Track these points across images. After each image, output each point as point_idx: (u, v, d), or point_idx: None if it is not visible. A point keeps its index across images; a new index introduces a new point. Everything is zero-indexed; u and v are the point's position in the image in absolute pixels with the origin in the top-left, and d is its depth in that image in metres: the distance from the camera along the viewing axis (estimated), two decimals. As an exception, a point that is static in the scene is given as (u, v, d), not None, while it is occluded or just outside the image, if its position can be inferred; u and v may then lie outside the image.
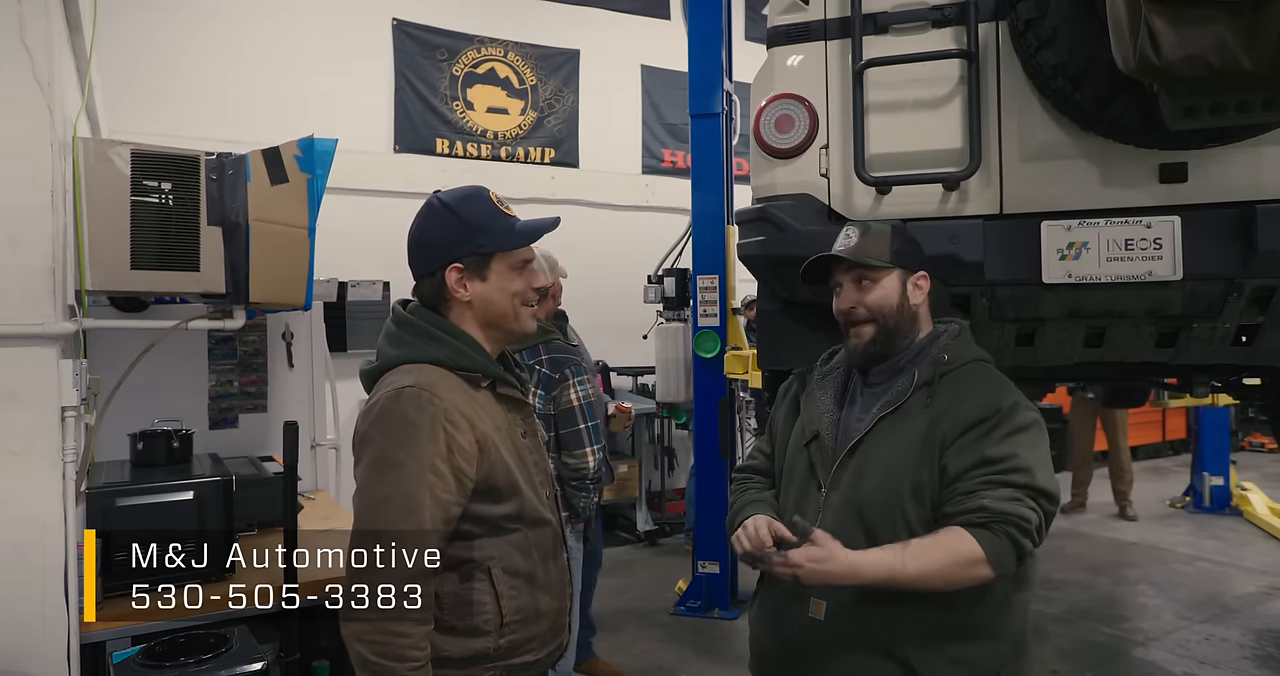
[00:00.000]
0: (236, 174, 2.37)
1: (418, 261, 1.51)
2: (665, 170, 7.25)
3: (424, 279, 1.50)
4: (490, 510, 1.41)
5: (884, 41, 2.47)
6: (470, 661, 1.39)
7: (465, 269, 1.46)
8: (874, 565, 1.41)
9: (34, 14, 1.89)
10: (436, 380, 1.39)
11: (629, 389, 6.51)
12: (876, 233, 1.65)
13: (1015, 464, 1.46)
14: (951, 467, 1.49)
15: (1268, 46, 1.70)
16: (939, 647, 1.49)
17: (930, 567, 1.41)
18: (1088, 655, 3.95)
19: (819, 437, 1.64)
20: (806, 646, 1.58)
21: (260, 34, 5.59)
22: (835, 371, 1.73)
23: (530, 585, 1.45)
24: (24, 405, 1.87)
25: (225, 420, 3.55)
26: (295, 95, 5.63)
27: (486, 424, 1.41)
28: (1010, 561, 1.44)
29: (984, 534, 1.42)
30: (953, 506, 1.47)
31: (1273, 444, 9.24)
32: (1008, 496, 1.44)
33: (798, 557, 1.41)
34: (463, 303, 1.47)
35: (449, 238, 1.47)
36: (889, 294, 1.62)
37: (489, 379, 1.47)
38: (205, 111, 5.29)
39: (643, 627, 4.35)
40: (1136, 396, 5.33)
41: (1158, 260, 2.24)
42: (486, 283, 1.47)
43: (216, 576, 2.39)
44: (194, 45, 5.36)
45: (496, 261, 1.48)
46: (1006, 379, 1.61)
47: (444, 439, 1.33)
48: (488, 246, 1.46)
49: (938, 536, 1.44)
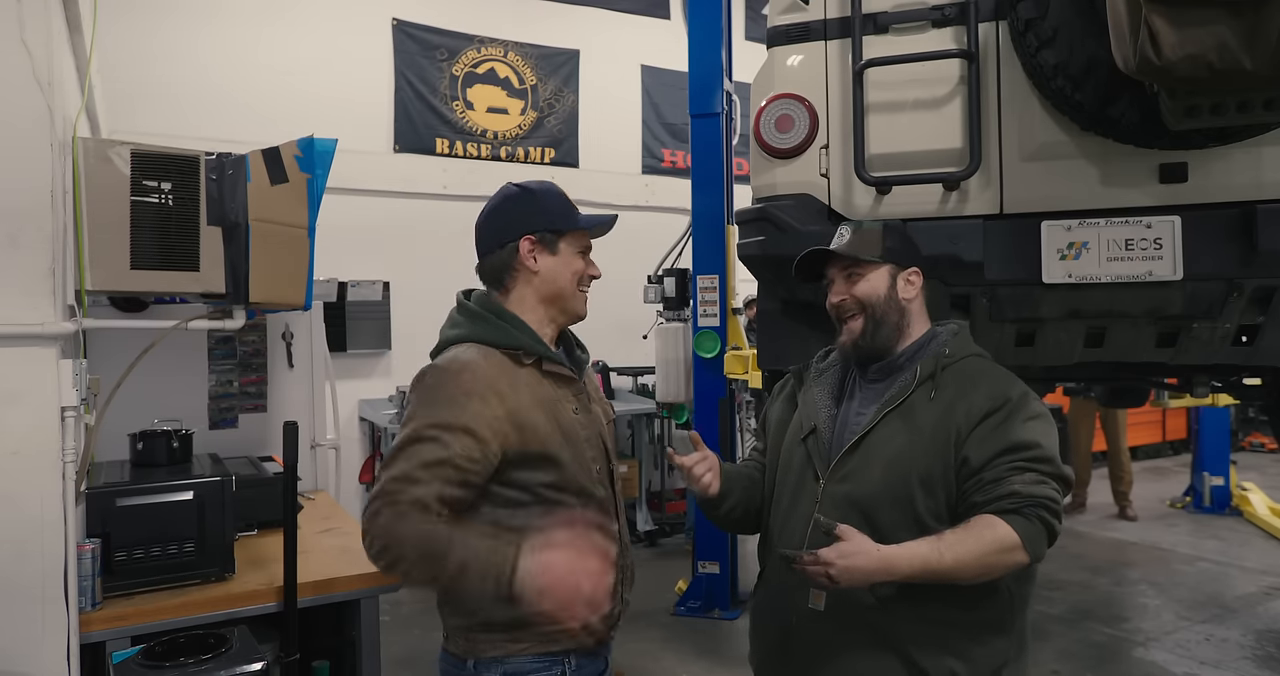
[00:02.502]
0: (236, 174, 2.37)
1: (491, 233, 1.58)
2: (665, 170, 7.25)
3: (494, 251, 1.57)
4: (528, 477, 1.46)
5: (884, 41, 2.47)
6: (514, 626, 1.43)
7: (538, 241, 1.55)
8: (909, 558, 1.39)
9: (34, 14, 1.88)
10: (477, 357, 1.48)
11: (629, 389, 6.50)
12: (868, 230, 1.68)
13: (1039, 452, 1.47)
14: (974, 458, 1.48)
15: (1268, 46, 1.70)
16: (943, 642, 1.49)
17: (967, 556, 1.39)
18: (1088, 655, 3.95)
19: (816, 432, 1.65)
20: (808, 638, 1.58)
21: (260, 34, 5.59)
22: (832, 368, 1.74)
23: None
24: (24, 405, 1.87)
25: (225, 420, 3.55)
26: (295, 95, 5.63)
27: (524, 398, 1.47)
28: (1043, 545, 1.44)
29: (1017, 519, 1.42)
30: (981, 495, 1.46)
31: (1273, 444, 9.24)
32: (1035, 479, 1.45)
33: (829, 555, 1.38)
34: (530, 272, 1.56)
35: (526, 212, 1.57)
36: (877, 286, 1.64)
37: (534, 356, 1.53)
38: (205, 111, 5.30)
39: (643, 627, 4.34)
40: (1136, 396, 5.33)
41: (1158, 260, 2.24)
42: (556, 257, 1.57)
43: (216, 576, 2.39)
44: (194, 45, 5.37)
45: (566, 240, 1.58)
46: (1009, 371, 1.62)
47: (472, 409, 1.40)
48: (561, 224, 1.57)
49: (970, 525, 1.43)
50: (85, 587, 2.12)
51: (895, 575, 1.39)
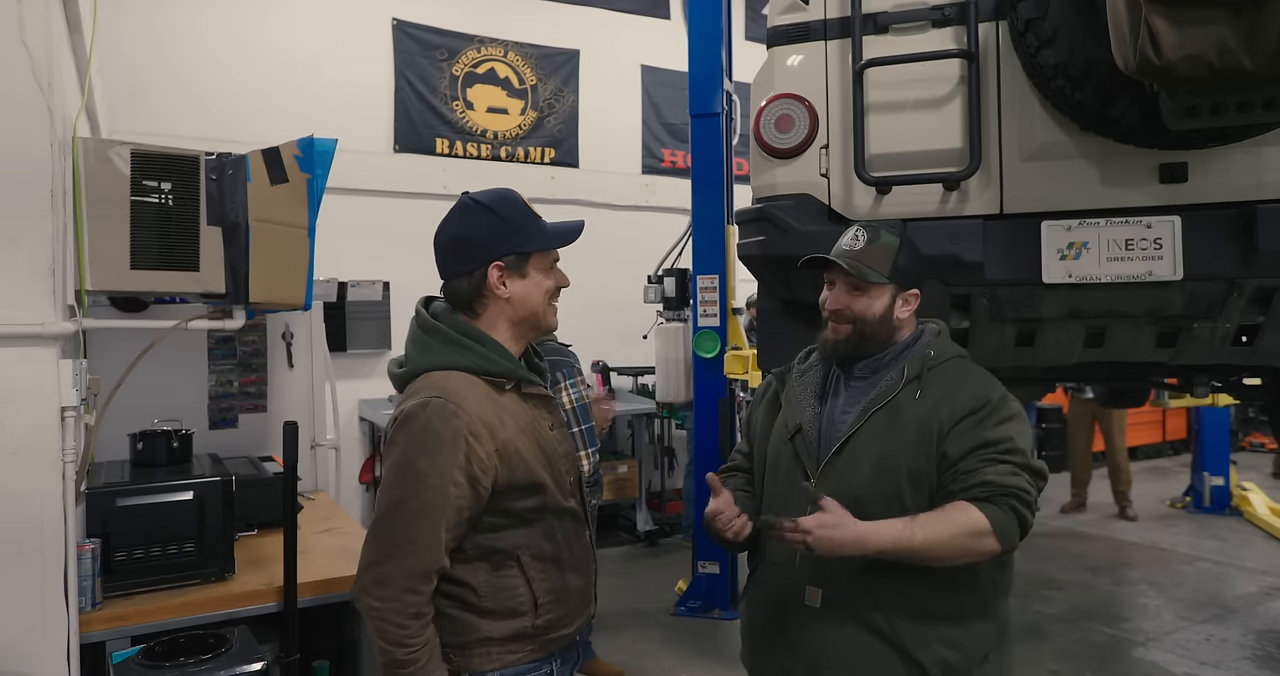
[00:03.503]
0: (236, 174, 2.37)
1: (456, 260, 1.53)
2: (665, 170, 7.25)
3: (460, 277, 1.52)
4: (515, 505, 1.49)
5: (884, 41, 2.47)
6: (512, 639, 1.48)
7: (506, 267, 1.51)
8: (881, 534, 1.45)
9: (34, 14, 1.88)
10: (463, 389, 1.44)
11: (629, 389, 6.50)
12: (884, 244, 1.66)
13: (1012, 445, 1.53)
14: (952, 452, 1.54)
15: (1268, 46, 1.70)
16: (933, 630, 1.54)
17: (938, 537, 1.45)
18: (1088, 655, 3.95)
19: (802, 431, 1.68)
20: (804, 633, 1.61)
21: (260, 34, 5.59)
22: (814, 368, 1.77)
23: (558, 566, 1.55)
24: (24, 405, 1.87)
25: (225, 420, 3.55)
26: (295, 95, 5.63)
27: (510, 429, 1.48)
28: (1014, 534, 1.49)
29: (989, 507, 1.47)
30: (956, 484, 1.52)
31: (1273, 444, 9.23)
32: (1008, 471, 1.50)
33: (808, 523, 1.44)
34: (501, 300, 1.52)
35: (491, 236, 1.51)
36: (877, 306, 1.65)
37: (514, 381, 1.52)
38: (205, 111, 5.29)
39: (643, 627, 4.35)
40: (1136, 396, 5.33)
41: (1158, 260, 2.24)
42: (525, 280, 1.53)
43: (216, 576, 2.40)
44: (194, 45, 5.36)
45: (534, 261, 1.54)
46: (989, 373, 1.67)
47: (464, 450, 1.40)
48: (527, 245, 1.52)
49: (944, 509, 1.49)
50: (85, 587, 2.12)
51: (867, 549, 1.45)
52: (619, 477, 5.81)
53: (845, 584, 1.56)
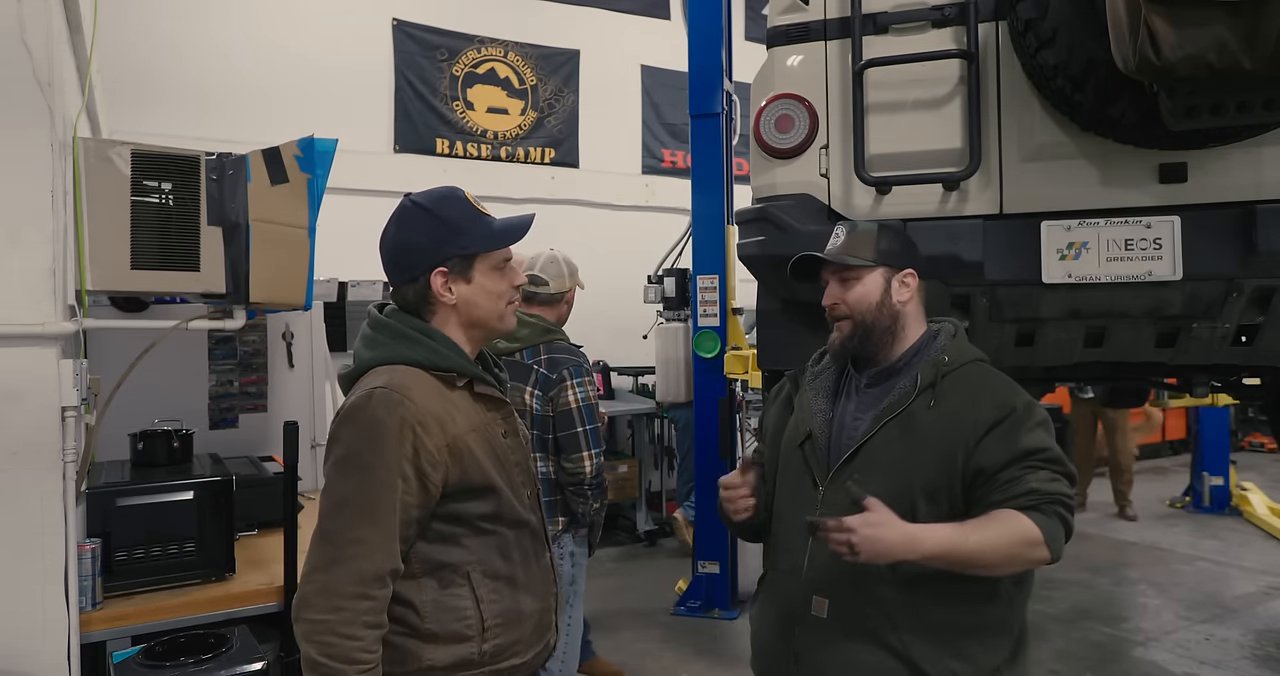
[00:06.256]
0: (236, 174, 2.37)
1: (399, 267, 1.47)
2: (665, 170, 7.25)
3: (406, 285, 1.46)
4: (466, 508, 1.40)
5: (884, 41, 2.47)
6: (456, 667, 1.37)
7: (450, 272, 1.44)
8: (934, 536, 1.39)
9: (34, 14, 1.89)
10: (410, 381, 1.37)
11: (629, 389, 6.51)
12: (863, 232, 1.67)
13: (1051, 453, 1.50)
14: (988, 465, 1.49)
15: (1268, 46, 1.70)
16: (944, 643, 1.49)
17: (992, 543, 1.40)
18: (1088, 655, 3.95)
19: (812, 437, 1.65)
20: (810, 643, 1.58)
21: (260, 34, 5.59)
22: (827, 370, 1.74)
23: (511, 587, 1.45)
24: (24, 405, 1.87)
25: (225, 420, 3.55)
26: (295, 95, 5.63)
27: (460, 425, 1.40)
28: (1062, 542, 1.45)
29: (1037, 515, 1.43)
30: (1000, 493, 1.47)
31: (1273, 444, 9.24)
32: (1049, 477, 1.47)
33: (853, 522, 1.36)
34: (448, 306, 1.45)
35: (431, 241, 1.43)
36: (869, 292, 1.63)
37: (465, 378, 1.45)
38: (205, 111, 5.30)
39: (643, 627, 4.35)
40: (1136, 396, 5.33)
41: (1158, 260, 2.24)
42: (471, 284, 1.46)
43: (216, 576, 2.40)
44: (194, 45, 5.37)
45: (480, 262, 1.46)
46: (1009, 378, 1.62)
47: (411, 441, 1.32)
48: (471, 248, 1.44)
49: (992, 516, 1.44)
50: (85, 587, 2.12)
51: (918, 552, 1.38)
52: (619, 477, 5.81)
53: (852, 594, 1.52)
